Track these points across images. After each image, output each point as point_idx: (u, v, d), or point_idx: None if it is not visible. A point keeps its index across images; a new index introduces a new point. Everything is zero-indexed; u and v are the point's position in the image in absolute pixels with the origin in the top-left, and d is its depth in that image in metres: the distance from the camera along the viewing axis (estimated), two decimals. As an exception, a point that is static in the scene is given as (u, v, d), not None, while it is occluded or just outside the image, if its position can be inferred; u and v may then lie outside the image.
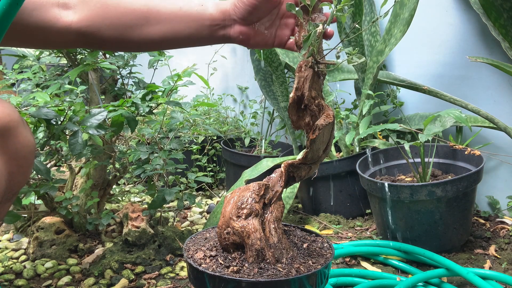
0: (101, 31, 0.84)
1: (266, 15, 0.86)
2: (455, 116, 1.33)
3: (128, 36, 0.85)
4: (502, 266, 1.33)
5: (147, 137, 1.57)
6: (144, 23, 0.84)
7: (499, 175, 1.67)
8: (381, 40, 1.62)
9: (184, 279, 1.32)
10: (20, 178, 0.81)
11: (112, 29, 0.84)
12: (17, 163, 0.78)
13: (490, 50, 1.62)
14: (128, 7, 0.84)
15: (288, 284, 0.77)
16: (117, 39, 0.85)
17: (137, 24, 0.84)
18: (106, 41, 0.86)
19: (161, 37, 0.86)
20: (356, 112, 1.87)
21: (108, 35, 0.84)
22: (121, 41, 0.86)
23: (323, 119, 0.82)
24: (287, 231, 0.96)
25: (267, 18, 0.87)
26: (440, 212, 1.35)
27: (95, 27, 0.83)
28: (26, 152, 0.80)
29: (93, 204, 1.52)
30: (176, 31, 0.86)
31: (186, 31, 0.86)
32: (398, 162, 1.62)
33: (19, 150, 0.78)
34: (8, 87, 1.69)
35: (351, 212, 1.72)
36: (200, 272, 0.80)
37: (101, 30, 0.84)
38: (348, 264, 1.37)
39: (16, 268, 1.37)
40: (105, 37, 0.85)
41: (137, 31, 0.85)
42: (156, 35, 0.85)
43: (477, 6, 1.54)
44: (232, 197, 0.87)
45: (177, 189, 1.46)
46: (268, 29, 0.88)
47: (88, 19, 0.83)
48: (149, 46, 0.91)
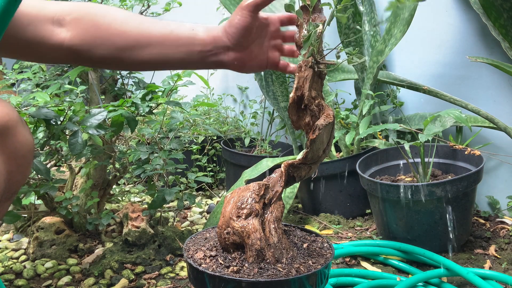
0: (92, 50, 0.84)
1: (257, 37, 0.87)
2: (455, 116, 1.33)
3: (118, 57, 0.86)
4: (502, 266, 1.33)
5: (147, 137, 1.57)
6: (135, 46, 0.85)
7: (499, 175, 1.67)
8: (381, 40, 1.62)
9: (184, 279, 1.32)
10: (19, 177, 0.82)
11: (103, 49, 0.85)
12: (16, 162, 0.79)
13: (490, 50, 1.62)
14: (119, 29, 0.85)
15: (288, 284, 0.77)
16: (107, 59, 0.86)
17: (128, 46, 0.85)
18: (97, 60, 0.86)
19: (151, 59, 0.86)
20: (356, 112, 1.87)
21: (99, 54, 0.85)
22: (112, 61, 0.87)
23: (323, 119, 0.82)
24: (287, 231, 0.96)
25: (257, 42, 0.88)
26: (440, 212, 1.35)
27: (86, 45, 0.84)
28: (25, 151, 0.80)
29: (93, 204, 1.52)
30: (167, 54, 0.86)
31: (176, 55, 0.86)
32: (398, 162, 1.62)
33: (18, 149, 0.78)
34: (8, 87, 1.69)
35: (351, 212, 1.72)
36: (200, 272, 0.80)
37: (92, 50, 0.84)
38: (348, 264, 1.37)
39: (16, 268, 1.37)
40: (96, 56, 0.85)
41: (127, 53, 0.85)
42: (147, 57, 0.86)
43: (477, 6, 1.54)
44: (232, 197, 0.87)
45: (177, 189, 1.46)
46: (260, 52, 0.89)
47: (80, 38, 0.84)
48: (141, 67, 0.91)
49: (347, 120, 1.71)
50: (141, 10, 1.47)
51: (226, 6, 1.72)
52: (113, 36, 0.84)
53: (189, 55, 0.86)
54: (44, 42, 0.83)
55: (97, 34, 0.84)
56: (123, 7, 1.46)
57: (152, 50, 0.85)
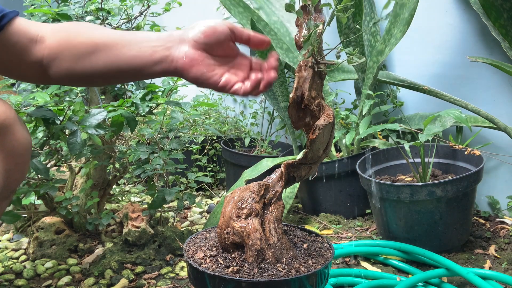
0: (55, 62, 0.81)
1: (222, 53, 0.80)
2: (455, 116, 1.33)
3: (72, 68, 0.82)
4: (502, 266, 1.33)
5: (147, 137, 1.57)
6: (93, 52, 0.80)
7: (499, 175, 1.67)
8: (381, 40, 1.62)
9: (184, 279, 1.32)
10: (17, 176, 0.82)
11: (66, 60, 0.81)
12: (14, 160, 0.79)
13: (490, 50, 1.62)
14: (79, 38, 0.82)
15: (288, 284, 0.77)
16: (67, 70, 0.82)
17: (87, 53, 0.80)
18: (58, 74, 0.83)
19: (105, 64, 0.81)
20: (356, 112, 1.87)
21: (62, 66, 0.81)
22: (66, 74, 0.82)
23: (323, 119, 0.82)
24: (287, 231, 0.96)
25: (222, 56, 0.80)
26: (440, 212, 1.35)
27: (54, 57, 0.81)
28: (23, 150, 0.81)
29: (93, 204, 1.52)
30: (119, 54, 0.80)
31: (128, 53, 0.79)
32: (398, 162, 1.62)
33: (15, 148, 0.79)
34: (8, 87, 1.68)
35: (351, 212, 1.72)
36: (200, 272, 0.80)
37: (55, 61, 0.81)
38: (348, 264, 1.37)
39: (16, 268, 1.37)
40: (58, 70, 0.82)
41: (84, 61, 0.81)
42: (101, 62, 0.80)
43: (477, 6, 1.54)
44: (232, 197, 0.87)
45: (177, 189, 1.46)
46: (217, 65, 0.79)
47: (52, 50, 0.81)
48: (95, 79, 0.85)
49: (347, 120, 1.71)
50: (141, 10, 1.47)
51: (226, 6, 1.72)
52: (73, 46, 0.81)
53: (141, 51, 0.79)
54: (25, 59, 0.81)
55: (67, 44, 0.81)
56: (123, 7, 1.46)
57: (107, 52, 0.80)
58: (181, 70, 0.79)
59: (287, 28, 1.88)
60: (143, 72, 0.81)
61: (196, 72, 0.78)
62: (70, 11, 1.34)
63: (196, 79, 0.79)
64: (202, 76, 0.79)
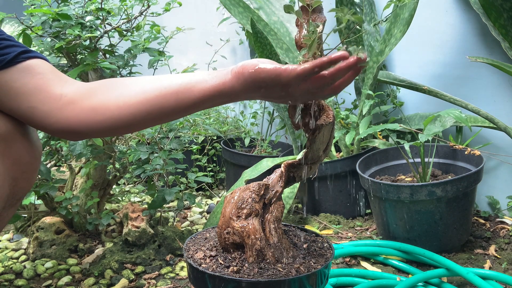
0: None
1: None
2: (455, 116, 1.33)
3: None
4: (502, 266, 1.33)
5: (147, 137, 1.57)
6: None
7: (499, 175, 1.67)
8: (381, 40, 1.62)
9: (184, 279, 1.32)
10: (24, 184, 0.80)
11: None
12: (21, 168, 0.77)
13: (490, 50, 1.62)
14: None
15: (288, 284, 0.78)
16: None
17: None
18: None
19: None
20: (356, 112, 1.87)
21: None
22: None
23: (323, 119, 0.82)
24: (287, 231, 0.96)
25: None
26: (440, 212, 1.35)
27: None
28: (31, 158, 0.78)
29: (93, 204, 1.52)
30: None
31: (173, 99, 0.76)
32: (398, 162, 1.62)
33: (23, 156, 0.77)
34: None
35: (351, 212, 1.72)
36: (200, 272, 0.80)
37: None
38: (348, 264, 1.37)
39: (16, 268, 1.37)
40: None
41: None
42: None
43: (477, 6, 1.54)
44: (232, 197, 0.87)
45: (177, 189, 1.46)
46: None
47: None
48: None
49: (347, 120, 1.71)
50: (141, 10, 1.47)
51: (226, 6, 1.72)
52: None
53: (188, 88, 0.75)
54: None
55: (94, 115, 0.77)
56: (123, 7, 1.46)
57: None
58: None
59: (287, 28, 1.88)
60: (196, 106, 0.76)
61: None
62: (70, 11, 1.34)
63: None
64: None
